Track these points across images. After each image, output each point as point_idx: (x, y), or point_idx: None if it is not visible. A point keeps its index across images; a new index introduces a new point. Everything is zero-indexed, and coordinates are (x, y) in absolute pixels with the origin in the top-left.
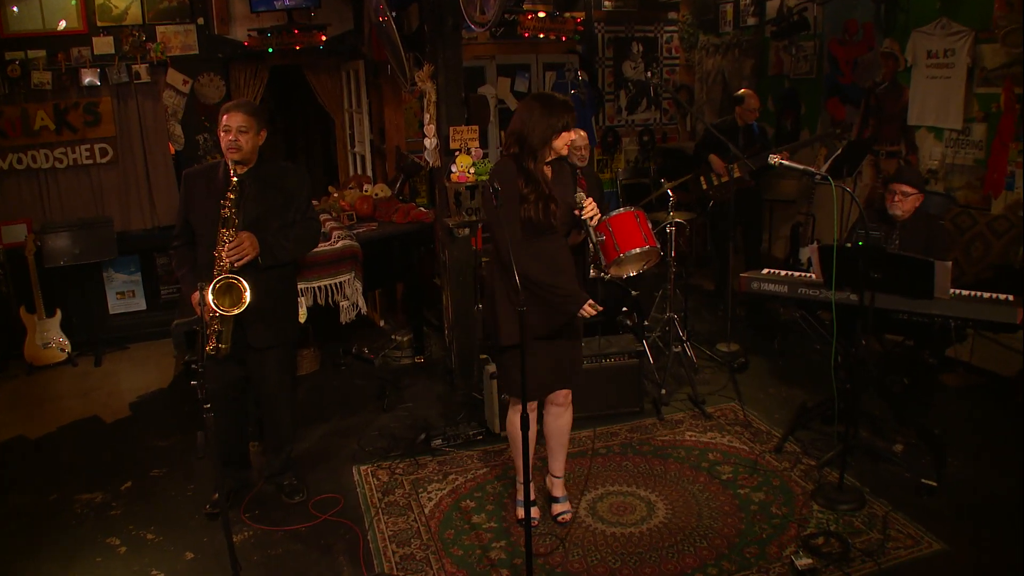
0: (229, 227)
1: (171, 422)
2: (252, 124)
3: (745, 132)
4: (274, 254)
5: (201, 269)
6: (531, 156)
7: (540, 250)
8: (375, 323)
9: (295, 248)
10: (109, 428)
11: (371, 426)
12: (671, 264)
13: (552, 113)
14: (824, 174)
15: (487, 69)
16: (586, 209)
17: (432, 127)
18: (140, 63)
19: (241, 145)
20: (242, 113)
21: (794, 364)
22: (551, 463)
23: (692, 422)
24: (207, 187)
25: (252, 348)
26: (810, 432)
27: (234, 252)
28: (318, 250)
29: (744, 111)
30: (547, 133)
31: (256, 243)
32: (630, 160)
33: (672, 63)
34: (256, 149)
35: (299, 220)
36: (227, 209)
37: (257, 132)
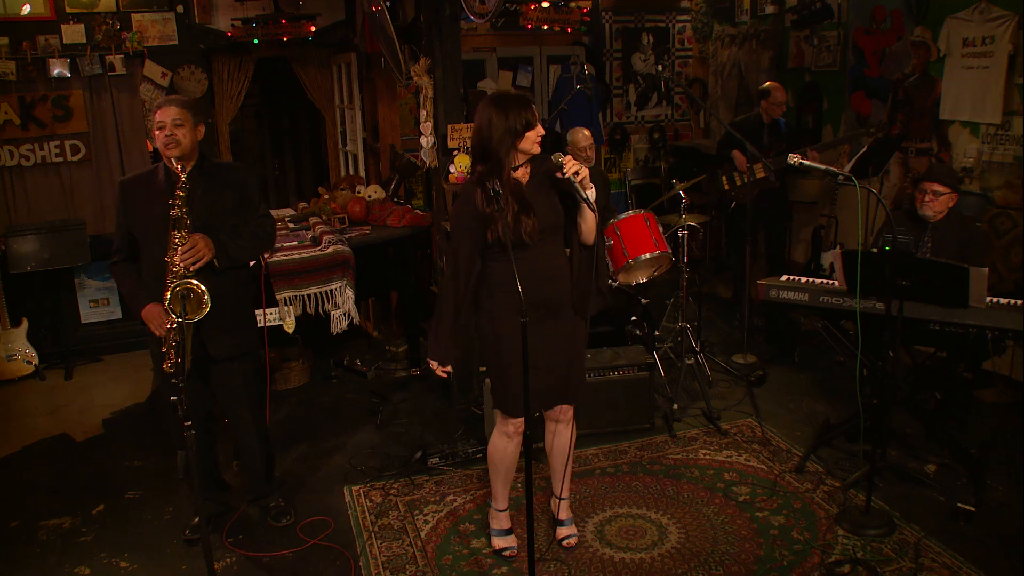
0: (180, 228)
1: (148, 440)
2: (187, 117)
3: (771, 129)
4: (231, 255)
5: (148, 282)
6: (497, 169)
7: (520, 258)
8: (368, 333)
9: (252, 247)
10: (80, 447)
11: (363, 444)
12: (683, 270)
13: (508, 114)
14: (847, 174)
15: (487, 62)
16: (567, 166)
17: (429, 124)
18: (114, 54)
19: (179, 139)
20: (175, 107)
21: (816, 378)
22: (554, 483)
23: (706, 439)
24: (147, 193)
25: (213, 360)
26: (834, 451)
27: (188, 255)
28: (307, 255)
29: (770, 105)
30: (508, 139)
31: (211, 244)
32: (640, 159)
33: (685, 55)
34: (196, 145)
35: (252, 218)
36: (177, 208)
37: (194, 126)
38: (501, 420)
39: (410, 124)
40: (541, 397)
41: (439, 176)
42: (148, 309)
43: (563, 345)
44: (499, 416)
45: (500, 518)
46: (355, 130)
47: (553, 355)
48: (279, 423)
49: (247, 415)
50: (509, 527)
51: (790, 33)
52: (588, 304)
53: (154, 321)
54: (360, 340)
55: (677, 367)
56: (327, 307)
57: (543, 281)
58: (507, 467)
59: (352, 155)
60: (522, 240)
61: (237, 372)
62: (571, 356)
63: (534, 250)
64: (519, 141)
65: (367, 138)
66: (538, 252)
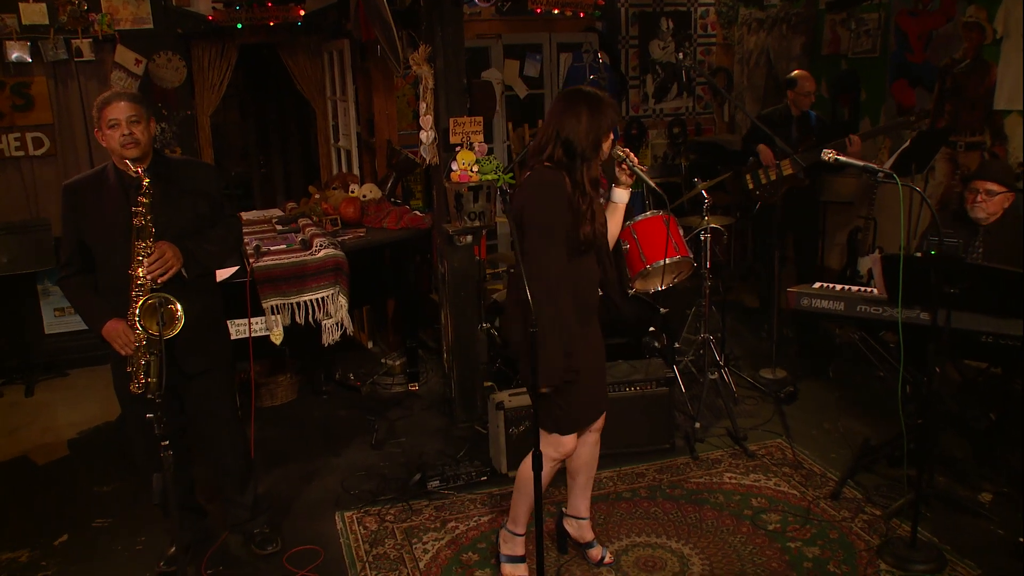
0: (145, 238)
1: (118, 463)
2: (141, 112)
3: (800, 122)
4: (200, 261)
5: (107, 295)
6: (585, 165)
7: (580, 265)
8: (362, 345)
9: (220, 251)
10: (41, 471)
11: (357, 465)
12: (706, 277)
13: (602, 113)
14: (888, 171)
15: (492, 50)
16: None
17: (429, 118)
18: (81, 37)
19: (138, 138)
20: (127, 102)
21: (853, 395)
22: (579, 502)
23: (732, 461)
24: (98, 198)
25: (185, 376)
26: (874, 476)
27: (156, 266)
28: (297, 260)
29: (797, 96)
30: (598, 137)
31: (179, 252)
32: (658, 156)
33: (708, 42)
34: (150, 142)
35: (218, 220)
36: (140, 217)
37: (148, 121)
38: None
39: (408, 117)
40: (593, 411)
41: (440, 174)
42: (111, 326)
43: (599, 350)
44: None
45: (516, 543)
46: (348, 124)
47: (596, 364)
48: (265, 442)
49: (223, 432)
50: (523, 554)
51: (825, 16)
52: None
53: (119, 339)
54: (353, 352)
55: (699, 382)
56: (318, 316)
57: (591, 287)
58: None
59: (345, 151)
60: (592, 242)
61: (211, 386)
62: (603, 361)
63: (587, 256)
64: (605, 141)
65: (361, 133)
66: (588, 258)
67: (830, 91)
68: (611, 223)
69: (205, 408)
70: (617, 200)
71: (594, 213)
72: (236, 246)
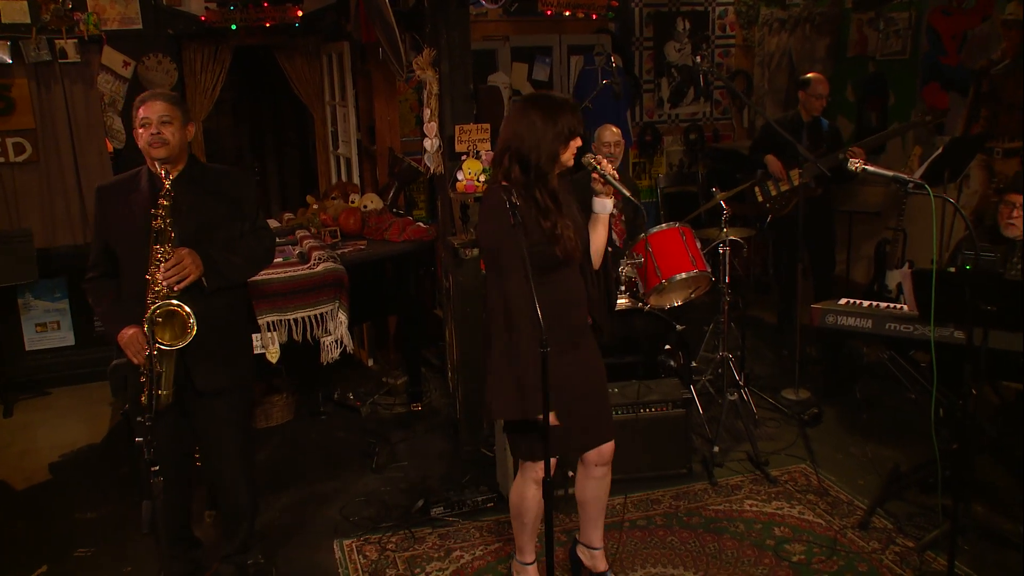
0: (164, 242)
1: (103, 488)
2: (176, 114)
3: (811, 129)
4: (222, 273)
5: (128, 302)
6: (540, 180)
7: (551, 281)
8: (362, 363)
9: (246, 266)
10: (20, 497)
11: (356, 490)
12: (724, 292)
13: (556, 119)
14: (919, 180)
15: (499, 53)
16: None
17: (433, 125)
18: (66, 38)
19: (167, 138)
20: (162, 102)
21: (882, 417)
22: (591, 533)
23: (753, 488)
24: (128, 200)
25: (198, 394)
26: (905, 504)
27: (173, 272)
28: (294, 274)
29: (808, 98)
30: (555, 146)
31: (199, 261)
32: (673, 164)
33: (726, 43)
34: (185, 147)
35: (247, 232)
36: (160, 219)
37: (183, 125)
38: (527, 466)
39: (411, 124)
40: (574, 437)
41: (445, 184)
42: (127, 333)
43: (588, 375)
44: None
45: (527, 572)
46: (348, 130)
47: (579, 390)
48: (259, 466)
49: (235, 459)
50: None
51: (851, 16)
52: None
53: (133, 347)
54: (353, 371)
55: (718, 404)
56: (316, 333)
57: (571, 307)
58: (533, 517)
59: (345, 159)
60: (568, 259)
61: (226, 408)
62: (600, 384)
63: (563, 272)
64: (563, 150)
65: (362, 139)
66: (567, 274)
67: (856, 95)
68: (594, 237)
69: (216, 433)
70: (597, 211)
71: (561, 230)
72: (264, 261)
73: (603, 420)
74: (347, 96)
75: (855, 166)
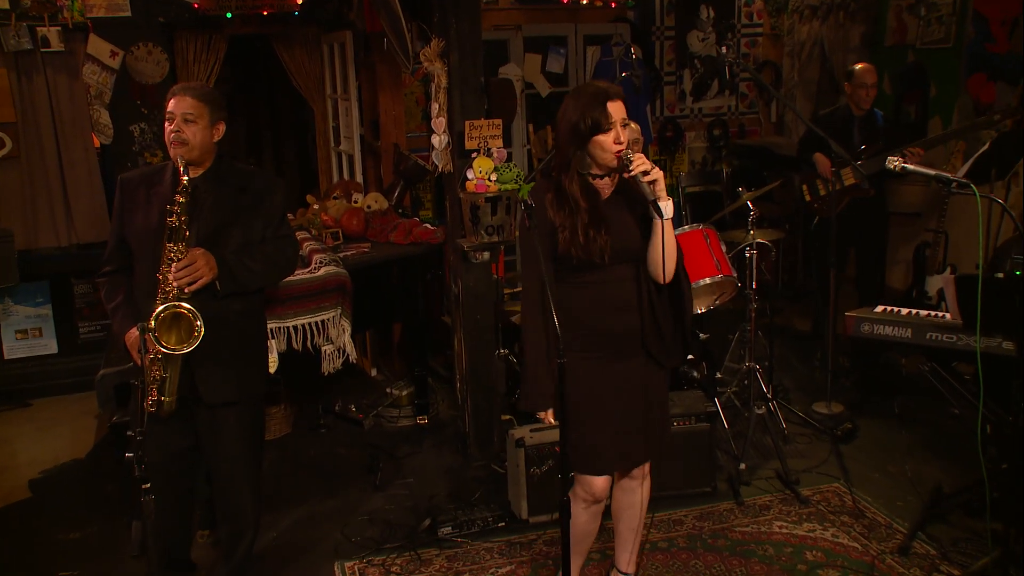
0: (178, 241)
1: (88, 507)
2: (203, 112)
3: (864, 123)
4: (236, 278)
5: (140, 300)
6: (563, 168)
7: (587, 283)
8: (365, 373)
9: (265, 272)
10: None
11: (359, 509)
12: (751, 298)
13: (580, 110)
14: (963, 179)
15: (511, 43)
16: (636, 162)
17: (442, 120)
18: (49, 25)
19: (186, 138)
20: (190, 97)
21: (922, 434)
22: (620, 554)
23: (782, 508)
24: (149, 194)
25: (205, 405)
26: (950, 528)
27: (184, 273)
28: (294, 279)
29: (855, 90)
30: (576, 140)
31: (213, 263)
32: (696, 161)
33: (753, 32)
34: (211, 146)
35: (270, 237)
36: (175, 217)
37: (211, 123)
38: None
39: (417, 119)
40: (615, 454)
41: (454, 183)
42: (133, 334)
43: (635, 391)
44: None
45: None
46: (351, 125)
47: (625, 402)
48: None
49: (242, 477)
50: None
51: (889, 2)
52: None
53: (138, 347)
54: (355, 381)
55: (744, 418)
56: (317, 341)
57: (609, 313)
58: (578, 539)
59: (347, 156)
60: (592, 260)
61: (234, 422)
62: (647, 404)
63: (603, 273)
64: (588, 144)
65: (365, 135)
66: (607, 276)
67: (894, 88)
68: (650, 246)
69: (222, 448)
70: (663, 214)
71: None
72: (285, 270)
73: (649, 439)
74: (349, 89)
75: (893, 164)
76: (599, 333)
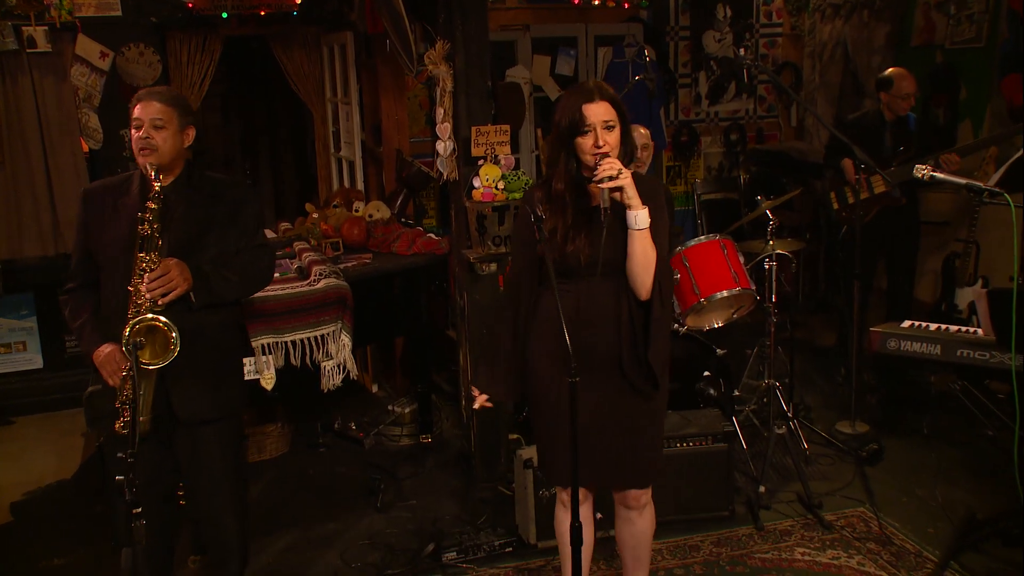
0: (150, 250)
1: (73, 531)
2: (172, 117)
3: (895, 128)
4: (212, 289)
5: (109, 317)
6: (552, 167)
7: (566, 291)
8: (366, 389)
9: (241, 283)
10: None
11: (359, 532)
12: (770, 312)
13: (564, 105)
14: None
15: (519, 44)
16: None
17: (447, 126)
18: (35, 25)
19: (156, 144)
20: (157, 102)
21: (953, 456)
22: None
23: (804, 534)
24: (116, 206)
25: (182, 424)
26: (984, 557)
27: (157, 284)
28: (292, 291)
29: (893, 99)
30: (559, 135)
31: (188, 273)
32: (712, 167)
33: (772, 32)
34: (181, 152)
35: (244, 248)
36: (146, 225)
37: (180, 129)
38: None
39: (421, 123)
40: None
41: (459, 192)
42: (103, 351)
43: (613, 412)
44: None
45: None
46: (351, 131)
47: (600, 422)
48: (251, 504)
49: (224, 498)
50: None
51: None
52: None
53: (108, 366)
54: (355, 397)
55: (763, 437)
56: (317, 357)
57: (583, 325)
58: (565, 547)
59: (347, 162)
60: (570, 266)
61: (213, 440)
62: (630, 426)
63: (583, 283)
64: (573, 146)
65: (367, 141)
66: (587, 287)
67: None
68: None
69: (201, 467)
70: (629, 225)
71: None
72: (261, 281)
73: (628, 463)
74: (350, 92)
75: (921, 173)
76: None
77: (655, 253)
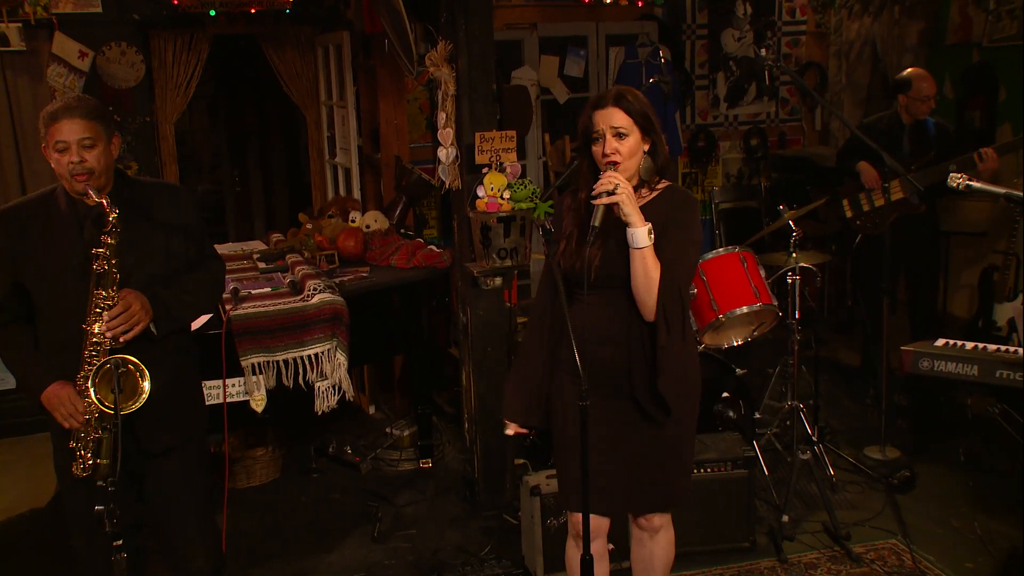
0: (107, 286)
1: (47, 564)
2: (99, 132)
3: (914, 133)
4: (173, 316)
5: (50, 351)
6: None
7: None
8: (362, 411)
9: (197, 303)
10: None
11: (355, 563)
12: (794, 329)
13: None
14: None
15: (525, 43)
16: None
17: (449, 131)
18: (8, 21)
19: (91, 166)
20: (80, 119)
21: (992, 484)
22: None
23: (831, 567)
24: (44, 230)
25: (145, 453)
26: None
27: (119, 321)
28: (285, 308)
29: (911, 101)
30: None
31: (148, 305)
32: (731, 174)
33: (796, 30)
34: (111, 166)
35: (195, 259)
36: (102, 260)
37: (108, 141)
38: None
39: (422, 128)
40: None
41: (462, 201)
42: (53, 391)
43: (628, 432)
44: None
45: None
46: (348, 136)
47: (612, 443)
48: (239, 535)
49: (191, 524)
50: None
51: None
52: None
53: (63, 408)
54: (351, 420)
55: (787, 463)
56: (310, 377)
57: (593, 339)
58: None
59: (343, 169)
60: (579, 277)
61: (178, 467)
62: (647, 449)
63: (593, 295)
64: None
65: (364, 147)
66: (596, 299)
67: (956, 91)
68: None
69: (168, 494)
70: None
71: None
72: (217, 296)
73: (650, 486)
74: (346, 95)
75: (956, 182)
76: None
77: (658, 274)
